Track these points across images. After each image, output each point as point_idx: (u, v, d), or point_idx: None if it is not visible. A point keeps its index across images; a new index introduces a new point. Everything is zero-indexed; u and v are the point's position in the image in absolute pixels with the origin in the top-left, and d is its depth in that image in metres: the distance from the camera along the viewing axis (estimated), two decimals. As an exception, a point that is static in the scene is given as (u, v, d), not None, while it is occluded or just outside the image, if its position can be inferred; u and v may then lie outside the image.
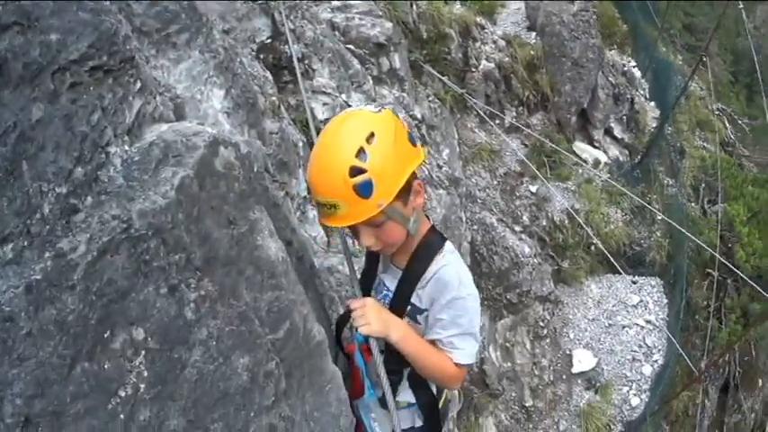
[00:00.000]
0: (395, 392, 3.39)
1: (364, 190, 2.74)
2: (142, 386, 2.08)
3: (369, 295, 3.49)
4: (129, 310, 2.06)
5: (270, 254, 2.80)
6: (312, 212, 5.68)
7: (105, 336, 1.97)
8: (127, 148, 2.35)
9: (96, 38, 2.16)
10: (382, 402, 3.43)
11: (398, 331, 3.14)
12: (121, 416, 2.02)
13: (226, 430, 2.40)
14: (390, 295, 3.36)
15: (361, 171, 2.72)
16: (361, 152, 2.74)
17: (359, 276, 3.71)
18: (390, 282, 3.39)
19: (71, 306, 1.87)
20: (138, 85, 2.48)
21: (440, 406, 3.75)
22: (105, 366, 1.97)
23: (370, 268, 3.66)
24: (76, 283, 1.89)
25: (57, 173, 1.97)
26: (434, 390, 3.63)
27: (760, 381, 12.11)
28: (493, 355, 9.78)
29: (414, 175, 2.97)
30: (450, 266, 3.14)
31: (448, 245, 3.24)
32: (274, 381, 2.69)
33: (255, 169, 3.27)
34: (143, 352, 2.09)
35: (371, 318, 3.08)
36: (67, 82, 2.05)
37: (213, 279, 2.41)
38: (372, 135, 2.79)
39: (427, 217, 3.36)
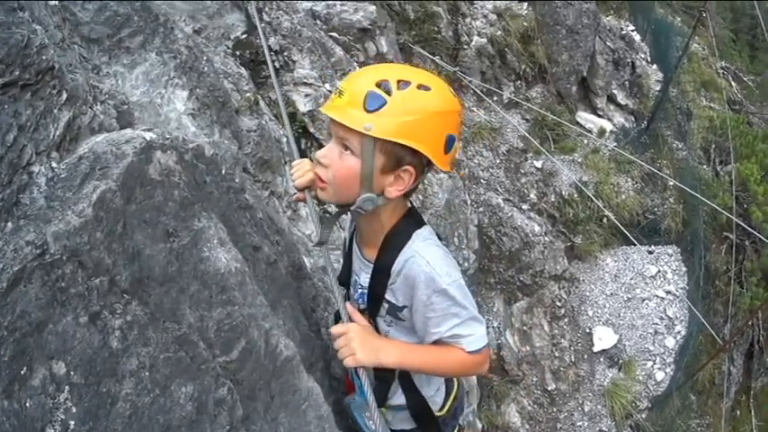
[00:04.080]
0: (387, 395, 3.31)
1: (372, 102, 2.53)
2: (72, 423, 1.91)
3: (348, 293, 3.30)
4: (46, 343, 1.90)
5: (219, 266, 2.59)
6: (304, 210, 5.43)
7: (22, 372, 1.82)
8: (55, 165, 2.20)
9: (5, 53, 2.02)
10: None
11: (391, 354, 2.88)
12: (52, 455, 1.86)
13: (174, 464, 2.18)
14: (366, 293, 3.10)
15: (387, 90, 2.55)
16: (405, 83, 2.58)
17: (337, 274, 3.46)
18: (364, 278, 3.11)
19: (-19, 344, 1.73)
20: (64, 95, 2.31)
21: (444, 411, 3.55)
22: (27, 404, 1.81)
23: (346, 265, 3.38)
24: (-14, 320, 1.74)
25: (-31, 202, 1.82)
26: (435, 390, 3.45)
27: (784, 342, 11.89)
28: (510, 339, 9.59)
29: (412, 160, 2.68)
30: (417, 258, 2.81)
31: (420, 231, 2.92)
32: (227, 408, 2.47)
33: (224, 171, 3.18)
34: (67, 387, 1.92)
35: (356, 346, 2.78)
36: (-23, 104, 1.89)
37: (147, 301, 2.22)
38: (428, 89, 2.61)
39: (412, 204, 3.08)
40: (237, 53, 5.93)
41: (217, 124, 4.31)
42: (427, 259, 2.79)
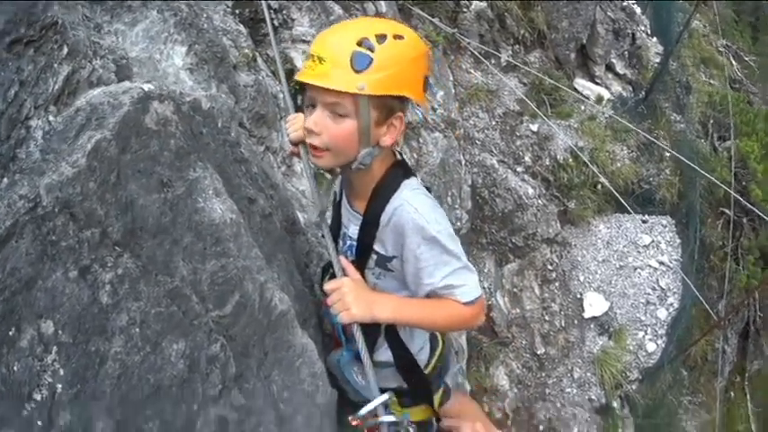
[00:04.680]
0: (372, 351, 3.22)
1: (360, 61, 2.63)
2: (59, 386, 1.88)
3: (337, 246, 3.32)
4: (35, 300, 1.86)
5: (214, 216, 2.61)
6: (299, 166, 5.47)
7: (11, 333, 1.79)
8: (52, 118, 2.20)
9: (14, 12, 2.06)
10: (359, 358, 3.22)
11: (386, 309, 2.93)
12: (39, 422, 1.82)
13: (164, 428, 2.17)
14: (355, 245, 3.16)
15: (369, 47, 2.65)
16: (382, 37, 2.69)
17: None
18: (353, 230, 3.18)
19: (-31, 305, 1.70)
20: (65, 50, 2.33)
21: (429, 370, 3.59)
22: (14, 368, 1.78)
23: (335, 217, 3.43)
24: (-25, 278, 1.72)
25: (-34, 159, 1.81)
26: (419, 348, 3.49)
27: (781, 325, 11.87)
28: (500, 301, 9.63)
29: (402, 107, 2.84)
30: (406, 205, 2.88)
31: (408, 181, 3.00)
32: (220, 365, 2.49)
33: (220, 124, 3.21)
34: (55, 348, 1.90)
35: (350, 301, 2.84)
36: (-17, 62, 1.91)
37: (139, 253, 2.22)
38: (402, 38, 2.74)
39: (400, 154, 3.17)
40: (237, 11, 5.95)
41: (214, 79, 4.34)
42: (415, 206, 2.85)
